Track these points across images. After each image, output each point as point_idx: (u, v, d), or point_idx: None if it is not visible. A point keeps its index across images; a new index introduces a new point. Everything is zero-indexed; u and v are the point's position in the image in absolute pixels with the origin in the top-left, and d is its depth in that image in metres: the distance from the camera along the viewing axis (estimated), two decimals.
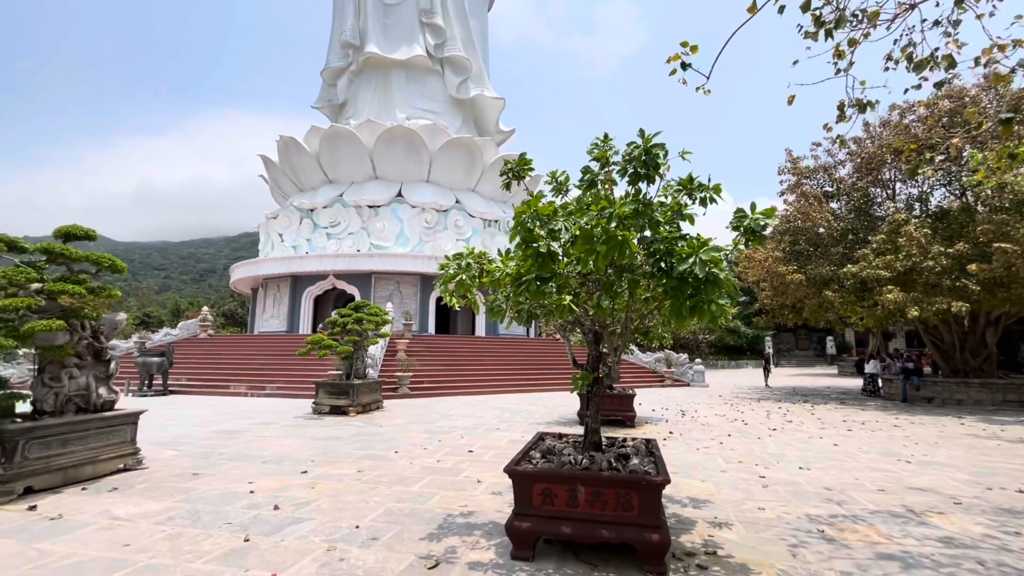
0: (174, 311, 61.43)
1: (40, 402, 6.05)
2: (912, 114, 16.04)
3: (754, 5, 3.99)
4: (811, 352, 51.84)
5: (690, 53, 4.73)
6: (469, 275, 4.15)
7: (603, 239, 3.10)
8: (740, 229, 3.97)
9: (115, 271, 6.85)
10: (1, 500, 5.11)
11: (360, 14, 34.75)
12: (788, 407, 14.58)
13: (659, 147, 3.70)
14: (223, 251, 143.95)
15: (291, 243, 28.92)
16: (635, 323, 4.61)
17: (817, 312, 17.73)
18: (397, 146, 28.57)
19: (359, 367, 13.11)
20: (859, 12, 4.87)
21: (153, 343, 22.18)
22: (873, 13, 4.84)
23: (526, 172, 4.66)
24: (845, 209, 18.37)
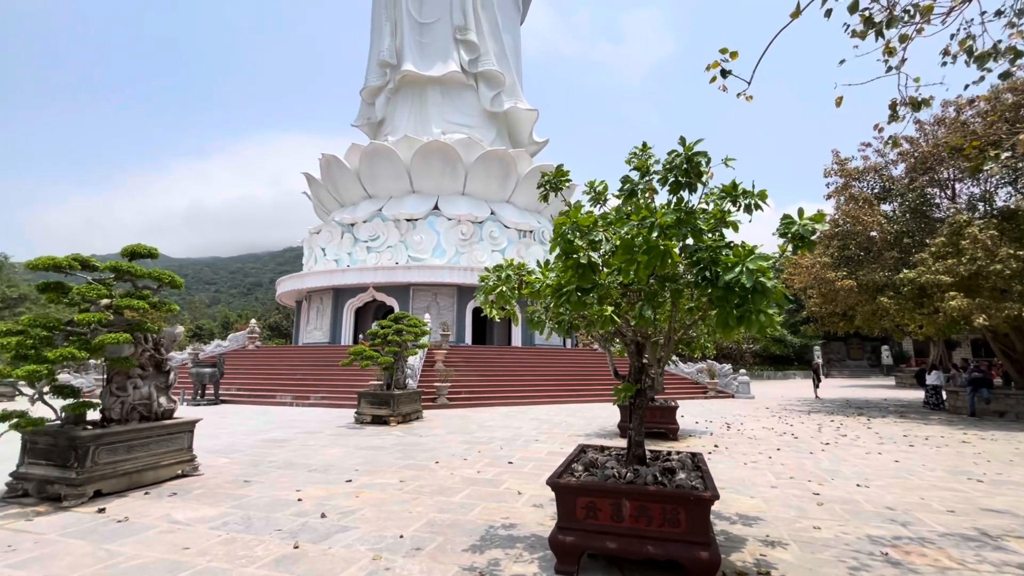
0: (224, 323, 64.42)
1: (108, 410, 6.46)
2: (971, 109, 15.12)
3: (798, 9, 3.89)
4: (865, 362, 49.14)
5: (729, 59, 4.65)
6: (509, 286, 4.18)
7: (644, 249, 3.06)
8: (788, 235, 3.84)
9: (174, 287, 7.27)
10: (74, 502, 5.46)
11: (396, 34, 35.90)
12: (841, 420, 13.85)
13: (701, 155, 3.64)
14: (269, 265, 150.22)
15: (333, 257, 29.89)
16: (679, 333, 4.52)
17: (871, 320, 16.83)
18: (433, 160, 29.19)
19: (399, 377, 13.35)
20: (911, 7, 4.67)
21: (205, 354, 23.31)
22: (926, 7, 4.62)
23: (563, 184, 4.67)
24: (899, 211, 17.42)
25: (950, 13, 4.78)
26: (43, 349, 5.85)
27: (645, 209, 3.31)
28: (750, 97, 4.87)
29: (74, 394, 6.27)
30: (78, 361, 5.93)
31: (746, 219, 4.33)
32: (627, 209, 4.21)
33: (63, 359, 5.77)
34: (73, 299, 6.27)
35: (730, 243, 4.06)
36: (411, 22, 35.46)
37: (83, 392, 6.61)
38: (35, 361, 5.75)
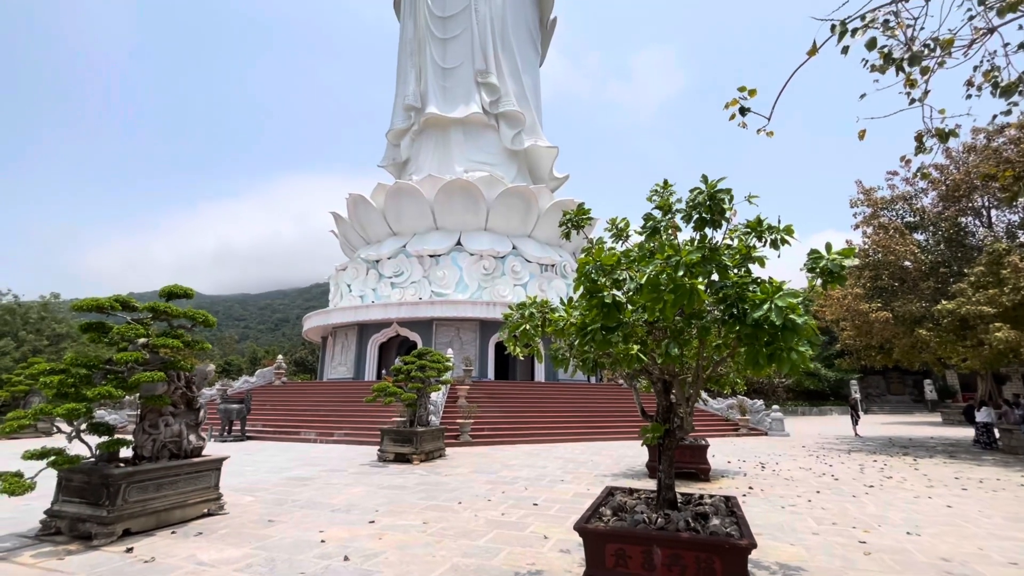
0: (252, 359, 65.64)
1: (140, 448, 6.59)
2: (1002, 136, 14.82)
3: (814, 47, 3.95)
4: (907, 397, 46.75)
5: (748, 97, 4.71)
6: (532, 324, 4.18)
7: (670, 287, 3.05)
8: (816, 271, 3.78)
9: (207, 325, 7.51)
10: (103, 541, 5.51)
11: (421, 79, 37.54)
12: (885, 460, 13.09)
13: (724, 192, 3.65)
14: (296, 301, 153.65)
15: (358, 293, 30.45)
16: (707, 371, 4.41)
17: (910, 353, 16.13)
18: (456, 198, 29.88)
19: (422, 414, 13.28)
20: (931, 41, 4.68)
21: (234, 390, 23.70)
22: (946, 41, 4.63)
23: (585, 222, 4.72)
24: (932, 240, 16.93)
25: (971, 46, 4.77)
26: (83, 387, 6.06)
27: (669, 247, 3.31)
28: (771, 133, 4.89)
29: (109, 431, 6.43)
30: (115, 399, 6.11)
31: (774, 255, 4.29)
32: (650, 246, 4.22)
33: (101, 397, 5.95)
34: (112, 338, 6.52)
35: (757, 279, 4.01)
36: (435, 68, 37.10)
37: (117, 428, 6.77)
38: (75, 399, 5.95)
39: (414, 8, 38.76)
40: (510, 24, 38.15)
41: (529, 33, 40.83)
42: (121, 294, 7.17)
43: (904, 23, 4.07)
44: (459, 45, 37.26)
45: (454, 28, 37.61)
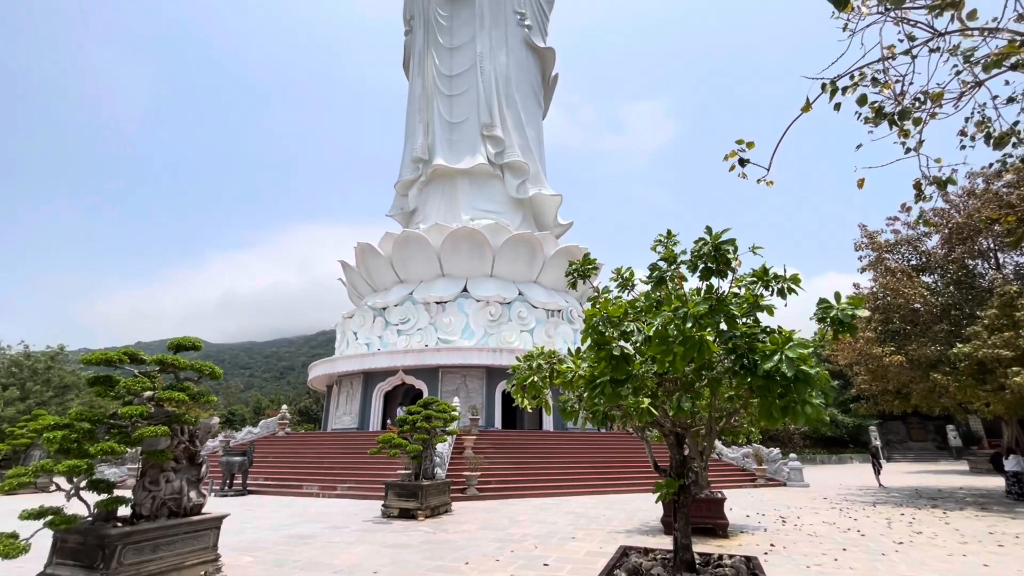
0: (256, 408, 64.87)
1: (139, 506, 6.42)
2: (1000, 180, 15.03)
3: (808, 104, 4.10)
4: (930, 444, 45.02)
5: (746, 149, 4.84)
6: (540, 376, 4.14)
7: (679, 340, 3.03)
8: (826, 321, 3.75)
9: (213, 378, 7.49)
10: None
11: (428, 133, 39.05)
12: (913, 513, 12.46)
13: (728, 243, 3.69)
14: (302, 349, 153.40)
15: (364, 341, 30.41)
16: (720, 423, 4.30)
17: (929, 398, 15.67)
18: (462, 245, 30.34)
19: (427, 466, 12.92)
20: (921, 95, 4.84)
21: (236, 442, 23.29)
22: (936, 94, 4.79)
23: (591, 272, 4.76)
24: (942, 283, 16.83)
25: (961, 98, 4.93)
26: (85, 443, 5.98)
27: (676, 298, 3.32)
28: (770, 183, 4.99)
29: (108, 489, 6.28)
30: (117, 455, 6.02)
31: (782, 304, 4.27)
32: (657, 296, 4.23)
33: (103, 453, 5.87)
34: (119, 392, 6.50)
35: (766, 328, 3.98)
36: (442, 122, 38.68)
37: (116, 483, 6.63)
38: (77, 455, 5.87)
39: (422, 68, 40.87)
40: (514, 81, 40.00)
41: (532, 89, 42.73)
42: (129, 346, 7.22)
43: (892, 82, 4.23)
44: (465, 101, 38.97)
45: (460, 85, 39.47)
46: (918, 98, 4.86)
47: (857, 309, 3.76)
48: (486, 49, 39.58)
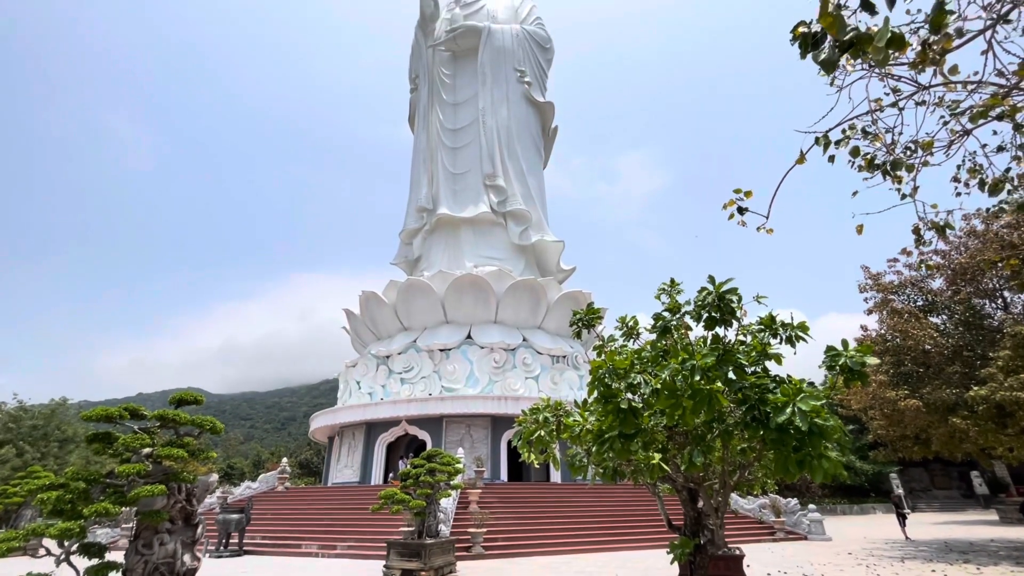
0: (255, 462, 63.28)
1: (130, 571, 6.14)
2: (998, 221, 15.17)
3: (802, 156, 4.21)
4: (955, 492, 43.09)
5: (744, 198, 4.94)
6: (547, 430, 4.04)
7: (688, 393, 2.98)
8: (836, 368, 3.70)
9: (214, 432, 7.35)
10: None
11: (433, 184, 40.16)
12: (945, 570, 11.75)
13: (732, 292, 3.70)
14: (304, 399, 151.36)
15: (367, 390, 30.02)
16: (734, 477, 4.15)
17: (949, 443, 15.16)
18: (466, 292, 30.49)
19: (431, 523, 12.41)
20: (912, 144, 4.98)
21: (234, 498, 22.56)
22: (926, 143, 4.92)
23: (595, 321, 4.75)
24: (950, 324, 16.66)
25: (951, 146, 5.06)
26: (79, 504, 5.81)
27: (683, 350, 3.29)
28: (770, 230, 5.05)
29: (99, 552, 6.03)
30: (112, 516, 5.83)
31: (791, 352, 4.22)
32: (662, 345, 4.19)
33: (97, 515, 5.68)
34: (117, 449, 6.38)
35: (776, 377, 3.92)
36: (446, 173, 39.85)
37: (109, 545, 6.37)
38: (70, 516, 5.69)
39: (427, 122, 42.56)
40: (515, 133, 41.48)
41: (533, 140, 44.24)
42: (131, 397, 7.15)
43: (882, 133, 4.37)
44: (468, 153, 40.29)
45: (464, 138, 40.94)
46: (909, 147, 5.00)
47: (866, 356, 3.71)
48: (488, 104, 41.30)
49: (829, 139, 4.10)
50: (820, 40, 2.44)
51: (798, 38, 2.53)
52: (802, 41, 2.52)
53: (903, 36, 2.49)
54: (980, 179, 4.51)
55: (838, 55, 2.45)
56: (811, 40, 2.48)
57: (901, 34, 2.47)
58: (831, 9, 2.24)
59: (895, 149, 4.74)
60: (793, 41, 2.56)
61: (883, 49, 2.46)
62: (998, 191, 4.35)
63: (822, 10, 2.23)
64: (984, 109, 4.32)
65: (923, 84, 4.64)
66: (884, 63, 2.55)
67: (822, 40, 2.43)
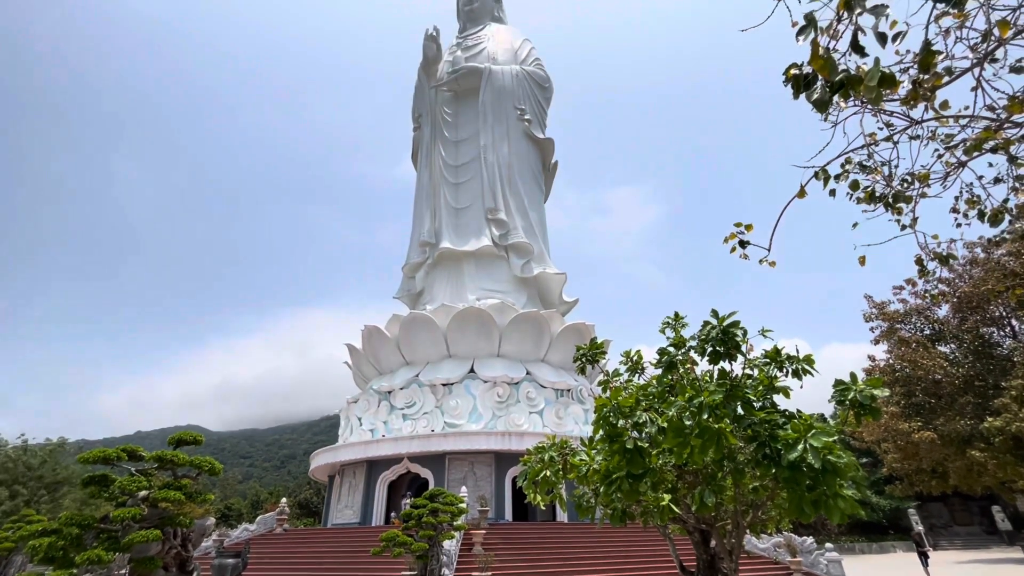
0: (254, 502, 61.76)
1: None
2: (1000, 249, 15.19)
3: (802, 190, 4.26)
4: (976, 527, 41.48)
5: (745, 232, 4.98)
6: (553, 470, 3.94)
7: (696, 431, 2.91)
8: (846, 403, 3.63)
9: (212, 473, 7.20)
10: None
11: (435, 218, 40.72)
12: None
13: (735, 326, 3.67)
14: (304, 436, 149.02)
15: (368, 426, 29.56)
16: (747, 517, 4.01)
17: (967, 477, 14.70)
18: (469, 325, 30.41)
19: (433, 567, 11.98)
20: (909, 176, 5.04)
21: (231, 541, 21.90)
22: (923, 175, 4.98)
23: (600, 356, 4.71)
24: (959, 353, 16.45)
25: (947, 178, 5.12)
26: (72, 551, 5.64)
27: (689, 386, 3.24)
28: (772, 263, 5.06)
29: None
30: (104, 564, 5.65)
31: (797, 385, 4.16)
32: (668, 380, 4.13)
33: (89, 563, 5.51)
34: (113, 493, 6.24)
35: (785, 412, 3.84)
36: (448, 208, 40.46)
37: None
38: (62, 565, 5.51)
39: (430, 159, 43.54)
40: (516, 169, 42.31)
41: (533, 175, 45.07)
42: (129, 440, 7.04)
43: (879, 166, 4.43)
44: (470, 188, 41.01)
45: (465, 174, 41.77)
46: (906, 179, 5.06)
47: (876, 390, 3.65)
48: (489, 141, 42.31)
49: (828, 173, 4.15)
50: (812, 81, 2.51)
51: (790, 79, 2.61)
52: (794, 82, 2.59)
53: (894, 75, 2.55)
54: (979, 210, 4.54)
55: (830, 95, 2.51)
56: (803, 81, 2.55)
57: (892, 74, 2.54)
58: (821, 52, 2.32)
59: (892, 182, 4.79)
60: (786, 83, 2.64)
61: (875, 88, 2.53)
62: (998, 221, 4.37)
63: (813, 53, 2.30)
64: (977, 142, 4.39)
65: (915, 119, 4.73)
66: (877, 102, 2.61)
67: (814, 81, 2.50)
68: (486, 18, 49.19)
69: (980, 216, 4.51)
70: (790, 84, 2.63)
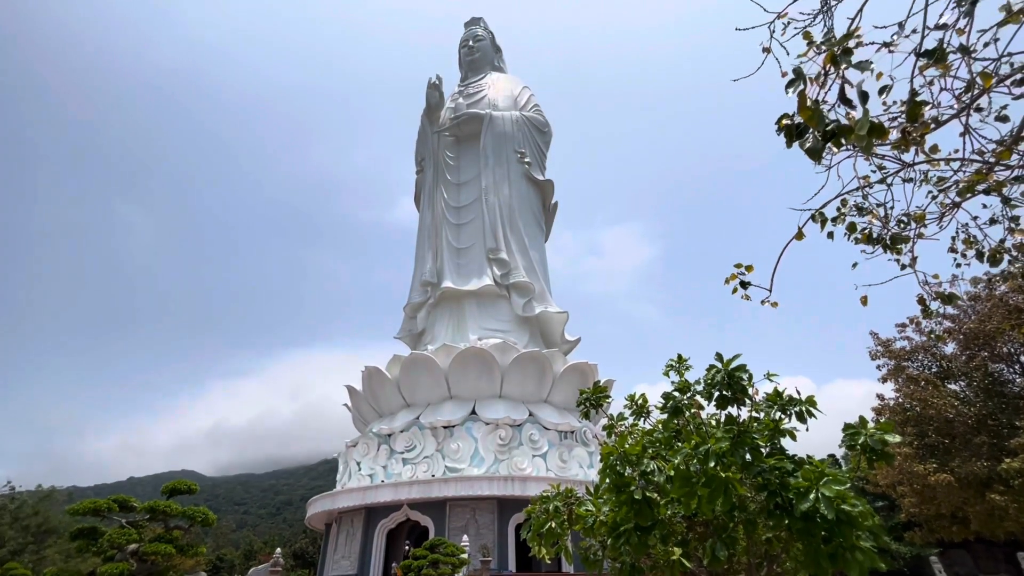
0: (247, 552, 59.41)
1: None
2: (1003, 284, 15.19)
3: (800, 233, 4.31)
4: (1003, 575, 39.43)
5: (746, 272, 5.00)
6: (558, 521, 3.80)
7: (704, 481, 2.82)
8: (856, 448, 3.54)
9: (206, 524, 6.96)
10: None
11: (437, 258, 41.10)
12: None
13: (740, 370, 3.63)
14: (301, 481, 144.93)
15: (367, 471, 28.79)
16: (762, 572, 3.83)
17: (988, 522, 14.11)
18: (470, 366, 30.11)
19: None
20: (905, 217, 5.10)
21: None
22: (918, 216, 5.04)
23: (604, 400, 4.63)
24: (970, 391, 16.16)
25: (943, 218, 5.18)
26: None
27: (696, 432, 3.17)
28: (775, 304, 5.05)
29: None
30: None
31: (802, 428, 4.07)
32: (674, 425, 4.05)
33: None
34: (102, 546, 6.01)
35: (795, 458, 3.74)
36: (450, 248, 40.90)
37: None
38: None
39: (432, 201, 44.39)
40: (516, 209, 43.04)
41: (534, 215, 45.79)
42: (121, 487, 6.85)
43: (874, 207, 4.50)
44: (472, 228, 41.60)
45: (467, 215, 42.48)
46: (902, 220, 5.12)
47: (888, 434, 3.57)
48: (490, 183, 43.23)
49: (825, 216, 4.21)
50: (804, 130, 2.59)
51: (783, 129, 2.69)
52: (787, 132, 2.67)
53: (883, 125, 2.63)
54: (977, 250, 4.57)
55: (823, 144, 2.58)
56: (795, 131, 2.63)
57: (881, 123, 2.62)
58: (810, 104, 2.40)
59: (889, 223, 4.85)
60: (778, 132, 2.72)
61: (865, 137, 2.60)
62: (997, 262, 4.39)
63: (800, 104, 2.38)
64: (970, 185, 4.48)
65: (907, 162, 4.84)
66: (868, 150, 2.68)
67: (806, 130, 2.58)
68: (487, 67, 51.25)
69: (979, 256, 4.53)
70: (783, 133, 2.71)
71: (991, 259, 4.42)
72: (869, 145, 2.61)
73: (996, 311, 13.97)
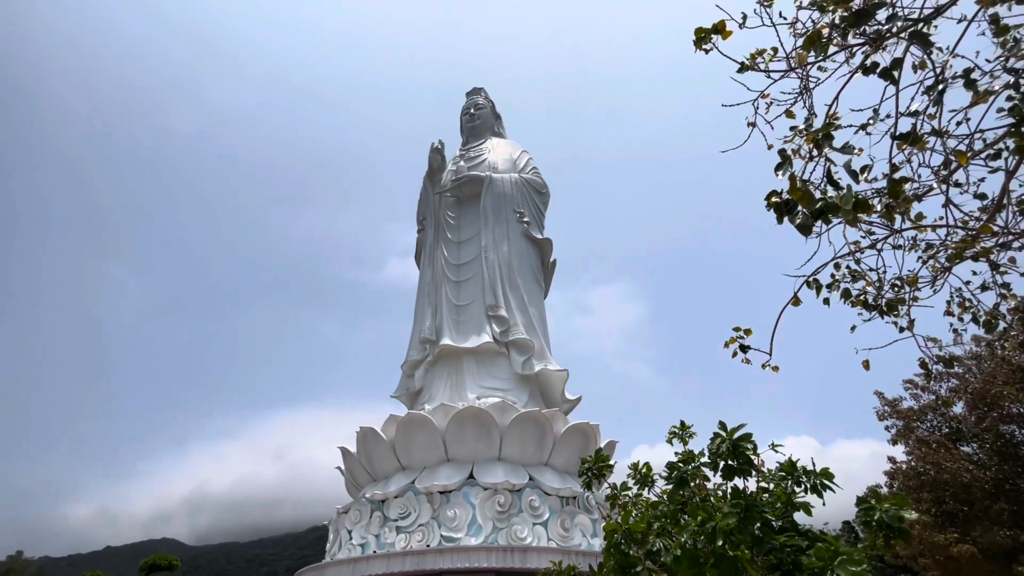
0: None
1: None
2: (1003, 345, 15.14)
3: (796, 299, 4.37)
4: None
5: (745, 336, 5.01)
6: None
7: (712, 561, 2.69)
8: (872, 524, 3.40)
9: None
10: None
11: (437, 315, 41.12)
12: None
13: (746, 439, 3.55)
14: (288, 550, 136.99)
15: (359, 540, 27.28)
16: None
17: None
18: (468, 426, 29.30)
19: None
20: (898, 280, 5.19)
21: None
22: (911, 279, 5.13)
23: (606, 470, 4.50)
24: (983, 453, 15.69)
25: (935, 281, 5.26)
26: None
27: (702, 507, 3.06)
28: (776, 368, 5.03)
29: None
30: None
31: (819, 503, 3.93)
32: (680, 496, 3.92)
33: None
34: None
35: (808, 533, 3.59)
36: (449, 305, 41.04)
37: None
38: None
39: (432, 259, 45.08)
40: (516, 267, 43.59)
41: (533, 273, 46.32)
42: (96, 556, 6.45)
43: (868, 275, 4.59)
44: (471, 285, 41.94)
45: (467, 272, 42.98)
46: (895, 284, 5.20)
47: (903, 510, 3.45)
48: (490, 242, 44.06)
49: (820, 283, 4.29)
50: (793, 206, 2.71)
51: (772, 206, 2.81)
52: (776, 209, 2.79)
53: (867, 201, 2.75)
54: (973, 315, 4.62)
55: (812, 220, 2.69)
56: (784, 207, 2.75)
57: (865, 199, 2.74)
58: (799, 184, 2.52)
59: (883, 288, 4.92)
60: (768, 208, 2.84)
61: (851, 211, 2.71)
62: (993, 327, 4.43)
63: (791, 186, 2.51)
64: (958, 251, 4.60)
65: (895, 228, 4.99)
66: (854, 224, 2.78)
67: (795, 206, 2.70)
68: (487, 133, 53.73)
69: (975, 321, 4.58)
70: (772, 210, 2.83)
71: (987, 326, 4.46)
72: (855, 219, 2.71)
73: (1000, 370, 13.83)
